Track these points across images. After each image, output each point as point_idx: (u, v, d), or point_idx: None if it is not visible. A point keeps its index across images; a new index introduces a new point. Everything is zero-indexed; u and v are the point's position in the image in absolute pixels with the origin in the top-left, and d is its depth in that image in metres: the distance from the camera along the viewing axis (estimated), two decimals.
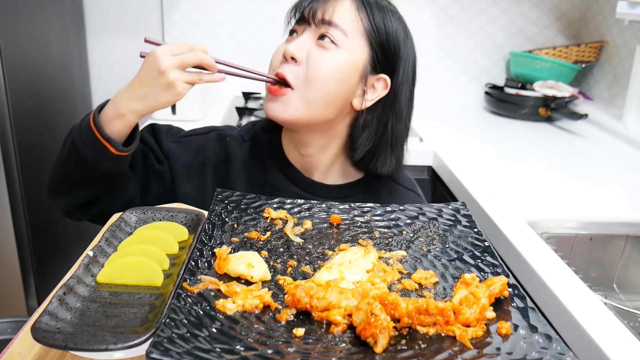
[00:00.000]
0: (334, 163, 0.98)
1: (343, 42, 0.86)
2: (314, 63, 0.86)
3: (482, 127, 2.08)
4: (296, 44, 0.87)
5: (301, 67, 0.86)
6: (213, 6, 2.21)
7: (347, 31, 0.87)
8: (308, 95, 0.86)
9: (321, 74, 0.86)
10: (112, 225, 0.71)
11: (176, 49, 0.81)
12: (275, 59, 0.90)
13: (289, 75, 0.86)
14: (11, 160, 1.62)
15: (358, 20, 0.88)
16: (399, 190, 1.02)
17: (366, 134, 0.93)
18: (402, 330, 0.54)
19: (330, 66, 0.86)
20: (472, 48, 2.33)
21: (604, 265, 1.25)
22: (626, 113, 1.89)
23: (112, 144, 0.83)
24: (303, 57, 0.86)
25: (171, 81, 0.80)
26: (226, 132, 1.03)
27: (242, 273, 0.61)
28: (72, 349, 0.48)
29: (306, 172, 0.98)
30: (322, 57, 0.86)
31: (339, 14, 0.87)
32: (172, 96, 0.82)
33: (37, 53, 1.79)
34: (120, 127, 0.84)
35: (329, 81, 0.86)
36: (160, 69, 0.79)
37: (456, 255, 0.70)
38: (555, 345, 0.50)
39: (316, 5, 0.88)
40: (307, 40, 0.87)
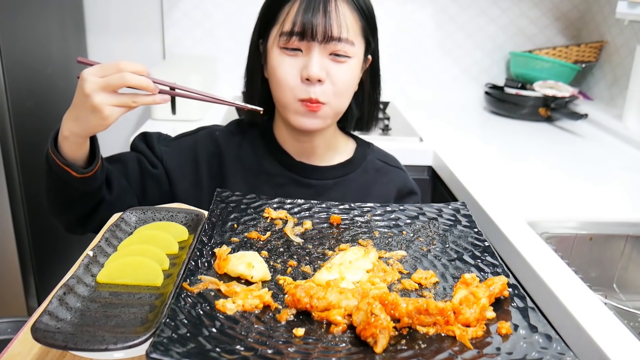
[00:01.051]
0: (329, 144, 1.03)
1: (352, 51, 0.91)
2: (338, 80, 0.90)
3: (482, 127, 2.07)
4: (316, 66, 0.88)
5: (326, 84, 0.90)
6: (213, 6, 2.20)
7: (353, 40, 0.90)
8: (338, 106, 0.94)
9: (346, 87, 0.93)
10: (112, 225, 0.71)
11: (104, 70, 0.77)
12: (290, 78, 0.90)
13: (322, 97, 0.90)
14: (11, 160, 1.62)
15: (356, 23, 0.91)
16: (385, 168, 1.08)
17: (357, 105, 1.02)
18: (402, 330, 0.54)
19: (350, 77, 0.93)
20: (472, 48, 2.33)
21: (604, 265, 1.25)
22: (626, 113, 1.89)
23: (72, 168, 0.82)
24: (325, 75, 0.89)
25: (95, 105, 0.76)
26: (214, 128, 1.07)
27: (242, 273, 0.61)
28: (72, 349, 0.48)
29: (301, 158, 1.02)
30: (342, 72, 0.90)
31: (344, 27, 0.88)
32: (100, 119, 0.77)
33: (37, 53, 1.79)
34: (69, 149, 0.82)
35: (351, 88, 0.95)
36: (85, 92, 0.76)
37: (456, 255, 0.70)
38: (555, 345, 0.50)
39: (321, 21, 0.87)
40: (321, 59, 0.89)
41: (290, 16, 0.88)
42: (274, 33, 0.92)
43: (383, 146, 1.14)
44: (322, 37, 0.87)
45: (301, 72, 0.89)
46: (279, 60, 0.91)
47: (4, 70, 1.55)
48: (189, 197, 0.98)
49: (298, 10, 0.88)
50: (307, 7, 0.87)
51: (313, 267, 0.66)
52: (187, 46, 2.24)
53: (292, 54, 0.90)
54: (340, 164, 1.04)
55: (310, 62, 0.88)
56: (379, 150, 1.12)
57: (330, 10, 0.87)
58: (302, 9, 0.88)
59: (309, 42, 0.88)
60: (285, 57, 0.90)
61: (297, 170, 1.01)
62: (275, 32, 0.92)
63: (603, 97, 2.17)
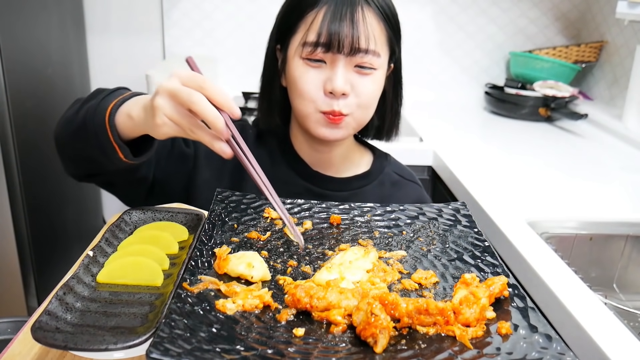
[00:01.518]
0: (346, 156, 1.01)
1: (378, 62, 0.87)
2: (363, 93, 0.87)
3: (482, 127, 2.08)
4: (341, 79, 0.84)
5: (350, 97, 0.87)
6: (213, 6, 2.20)
7: (379, 51, 0.87)
8: (361, 118, 0.91)
9: (371, 99, 0.90)
10: (112, 225, 0.71)
11: (189, 80, 0.66)
12: (313, 90, 0.86)
13: (345, 109, 0.87)
14: (11, 160, 1.62)
15: (382, 33, 0.87)
16: (401, 182, 1.06)
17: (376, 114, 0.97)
18: (402, 330, 0.54)
19: (375, 89, 0.90)
20: (472, 48, 2.33)
21: (604, 265, 1.25)
22: (626, 113, 1.89)
23: (121, 149, 0.74)
24: (349, 88, 0.86)
25: (155, 105, 0.66)
26: (248, 125, 1.03)
27: (242, 273, 0.61)
28: (72, 349, 0.48)
29: (317, 168, 0.99)
30: (367, 85, 0.87)
31: (371, 39, 0.84)
32: (150, 120, 0.68)
33: (37, 53, 1.79)
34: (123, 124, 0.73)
35: (375, 100, 0.91)
36: (158, 88, 0.67)
37: (456, 255, 0.70)
38: (555, 345, 0.50)
39: (348, 33, 0.83)
40: (346, 71, 0.86)
41: (315, 25, 0.84)
42: (295, 41, 0.87)
43: (383, 146, 1.13)
44: (349, 49, 0.83)
45: (325, 85, 0.86)
46: (301, 71, 0.86)
47: (4, 70, 1.55)
48: (206, 189, 0.92)
49: (324, 19, 0.83)
50: (333, 17, 0.83)
51: (313, 267, 0.66)
52: (187, 46, 2.24)
53: (316, 66, 0.86)
54: (356, 176, 1.01)
55: (335, 75, 0.84)
56: (396, 162, 1.09)
57: (357, 20, 0.83)
58: (328, 18, 0.83)
59: (334, 54, 0.84)
60: (308, 68, 0.86)
61: (313, 180, 0.99)
62: (297, 40, 0.87)
63: (603, 97, 2.17)
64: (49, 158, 1.86)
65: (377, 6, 0.86)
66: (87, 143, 0.76)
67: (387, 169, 1.05)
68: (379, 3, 0.86)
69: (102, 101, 0.76)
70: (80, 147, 0.78)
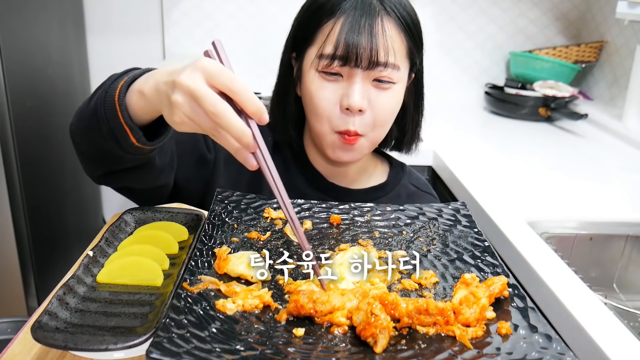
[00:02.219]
0: (362, 168, 0.99)
1: (397, 76, 0.83)
2: (380, 109, 0.84)
3: (482, 127, 2.07)
4: (359, 94, 0.81)
5: (366, 114, 0.83)
6: (213, 6, 2.20)
7: (399, 64, 0.83)
8: (375, 138, 0.88)
9: (388, 117, 0.86)
10: (112, 225, 0.71)
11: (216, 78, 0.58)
12: (328, 105, 0.83)
13: (360, 128, 0.84)
14: (11, 160, 1.62)
15: (403, 45, 0.84)
16: (417, 194, 1.03)
17: (397, 128, 0.95)
18: (402, 330, 0.54)
19: (393, 105, 0.86)
20: (472, 48, 2.33)
21: (604, 265, 1.25)
22: (626, 113, 1.89)
23: (133, 131, 0.67)
24: (367, 105, 0.83)
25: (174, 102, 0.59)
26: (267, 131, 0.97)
27: (242, 273, 0.61)
28: (72, 349, 0.48)
29: (332, 179, 0.97)
30: (385, 100, 0.84)
31: (391, 52, 0.81)
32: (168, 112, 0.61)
33: (37, 53, 1.79)
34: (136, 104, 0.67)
35: (393, 117, 0.88)
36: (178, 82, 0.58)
37: (456, 255, 0.70)
38: (555, 345, 0.50)
39: (366, 45, 0.79)
40: (364, 86, 0.82)
41: (332, 37, 0.80)
42: (311, 52, 0.84)
43: None
44: (367, 63, 0.80)
45: (341, 101, 0.82)
46: (317, 85, 0.83)
47: (4, 70, 1.55)
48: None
49: (341, 31, 0.79)
50: (351, 28, 0.79)
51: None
52: (187, 46, 2.24)
53: (332, 79, 0.82)
54: (372, 187, 0.99)
55: (352, 91, 0.81)
56: (412, 173, 1.06)
57: (376, 33, 0.79)
58: (346, 29, 0.79)
59: (352, 68, 0.80)
60: (324, 82, 0.83)
61: (329, 192, 0.96)
62: (313, 52, 0.83)
63: (603, 97, 2.17)
64: (48, 158, 1.86)
65: (397, 16, 0.82)
66: (99, 133, 0.69)
67: (404, 180, 1.02)
68: (399, 12, 0.83)
69: (113, 83, 0.70)
70: (94, 138, 0.71)
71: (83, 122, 0.73)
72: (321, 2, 0.84)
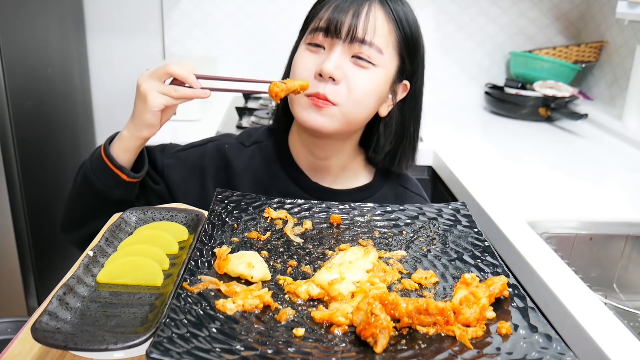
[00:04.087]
0: (345, 167, 0.97)
1: (379, 60, 0.85)
2: (355, 85, 0.84)
3: (482, 127, 2.08)
4: (332, 63, 0.83)
5: (340, 86, 0.84)
6: (213, 6, 2.20)
7: (381, 48, 0.85)
8: (351, 113, 0.86)
9: (363, 94, 0.85)
10: (112, 225, 0.71)
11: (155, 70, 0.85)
12: (305, 71, 0.86)
13: (331, 95, 0.84)
14: (11, 160, 1.62)
15: (390, 33, 0.86)
16: (406, 194, 1.01)
17: (386, 137, 0.94)
18: (402, 330, 0.54)
19: (370, 86, 0.86)
20: (472, 48, 2.33)
21: (604, 265, 1.25)
22: (626, 113, 1.89)
23: (122, 171, 0.87)
24: (341, 76, 0.84)
25: (142, 91, 0.84)
26: (224, 141, 1.01)
27: (242, 273, 0.61)
28: (72, 349, 0.48)
29: (315, 177, 0.97)
30: (361, 78, 0.85)
31: (372, 31, 0.83)
32: (145, 105, 0.84)
33: (37, 53, 1.79)
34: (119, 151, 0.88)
35: (370, 100, 0.87)
36: (137, 83, 0.85)
37: (456, 255, 0.70)
38: (555, 345, 0.50)
39: (348, 20, 0.83)
40: (341, 59, 0.84)
41: (320, 16, 0.86)
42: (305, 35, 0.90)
43: None
44: (346, 35, 0.83)
45: (316, 67, 0.85)
46: (301, 55, 0.88)
47: (4, 70, 1.55)
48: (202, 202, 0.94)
49: (328, 10, 0.85)
50: (337, 7, 0.85)
51: (313, 267, 0.66)
52: (187, 46, 2.24)
53: (315, 50, 0.86)
54: (357, 188, 0.98)
55: (328, 58, 0.84)
56: (403, 174, 1.03)
57: (360, 12, 0.83)
58: (332, 7, 0.85)
59: (333, 39, 0.84)
60: (307, 52, 0.87)
61: (311, 192, 0.96)
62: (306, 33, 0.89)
63: (603, 97, 2.17)
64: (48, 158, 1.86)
65: (390, 9, 0.86)
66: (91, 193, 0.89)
67: (391, 180, 1.01)
68: (394, 7, 0.86)
69: (92, 155, 0.90)
70: (84, 201, 0.91)
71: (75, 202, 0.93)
72: None
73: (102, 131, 2.30)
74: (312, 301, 0.59)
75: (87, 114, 2.22)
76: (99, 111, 2.28)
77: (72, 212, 0.95)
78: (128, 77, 2.21)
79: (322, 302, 0.59)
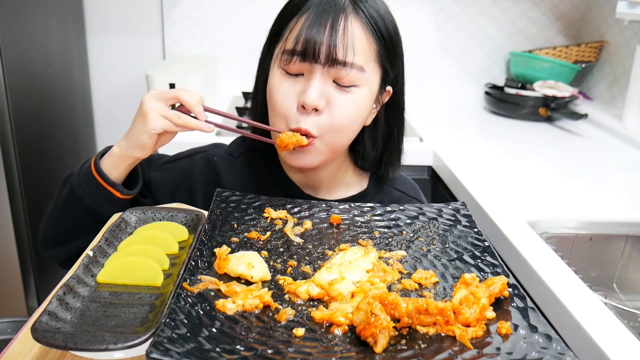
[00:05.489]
0: (336, 178, 0.94)
1: (361, 79, 0.79)
2: (338, 111, 0.79)
3: (482, 127, 2.08)
4: (315, 92, 0.77)
5: (323, 115, 0.79)
6: (213, 6, 2.21)
7: (363, 66, 0.79)
8: (333, 143, 0.82)
9: (347, 120, 0.81)
10: (112, 225, 0.71)
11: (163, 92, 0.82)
12: (286, 102, 0.80)
13: (313, 129, 0.79)
14: (11, 160, 1.62)
15: (370, 46, 0.80)
16: (403, 198, 0.99)
17: (372, 144, 0.91)
18: (402, 330, 0.54)
19: (353, 111, 0.81)
20: (472, 48, 2.33)
21: (604, 265, 1.25)
22: (626, 113, 1.89)
23: (115, 188, 0.84)
24: (324, 105, 0.79)
25: (144, 110, 0.79)
26: (213, 152, 0.97)
27: (242, 273, 0.61)
28: (72, 349, 0.48)
29: (308, 190, 0.94)
30: (345, 103, 0.79)
31: (352, 50, 0.77)
32: (144, 125, 0.79)
33: (37, 53, 1.79)
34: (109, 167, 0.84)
35: (354, 123, 0.83)
36: (142, 101, 0.80)
37: (456, 255, 0.70)
38: (555, 345, 0.50)
39: (326, 41, 0.76)
40: (323, 85, 0.78)
41: (294, 32, 0.79)
42: (277, 50, 0.83)
43: None
44: (326, 59, 0.76)
45: (299, 98, 0.79)
46: (278, 81, 0.81)
47: (4, 70, 1.55)
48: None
49: (302, 26, 0.78)
50: (312, 23, 0.77)
51: (313, 267, 0.66)
52: (187, 46, 2.24)
53: (293, 77, 0.80)
54: (351, 197, 0.95)
55: (309, 87, 0.78)
56: (398, 178, 1.00)
57: (337, 29, 0.76)
58: (307, 25, 0.77)
59: (312, 64, 0.77)
60: (285, 78, 0.80)
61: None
62: (278, 49, 0.83)
63: (603, 97, 2.17)
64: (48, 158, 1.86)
65: (366, 16, 0.79)
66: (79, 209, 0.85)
67: (387, 186, 0.98)
68: (369, 13, 0.79)
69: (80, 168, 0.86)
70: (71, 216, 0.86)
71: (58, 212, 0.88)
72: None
73: (102, 131, 2.30)
74: (312, 301, 0.59)
75: (87, 114, 2.23)
76: (99, 111, 2.28)
77: (55, 227, 0.89)
78: (128, 77, 2.21)
79: (322, 302, 0.59)
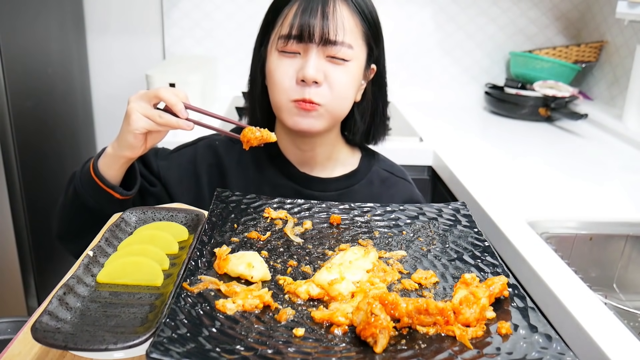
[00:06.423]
0: (330, 156, 1.02)
1: (351, 55, 0.90)
2: (335, 83, 0.89)
3: (482, 127, 2.07)
4: (313, 67, 0.87)
5: (323, 87, 0.89)
6: (213, 6, 2.20)
7: (351, 44, 0.89)
8: (335, 109, 0.92)
9: (344, 90, 0.91)
10: (112, 225, 0.71)
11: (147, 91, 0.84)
12: (286, 79, 0.89)
13: (316, 98, 0.89)
14: (11, 160, 1.62)
15: (356, 26, 0.90)
16: (391, 179, 1.06)
17: (361, 117, 1.00)
18: (402, 330, 0.54)
19: (348, 80, 0.91)
20: (472, 48, 2.33)
21: (604, 265, 1.25)
22: (626, 113, 1.89)
23: (115, 190, 0.87)
24: (322, 78, 0.88)
25: (128, 110, 0.82)
26: (214, 138, 1.05)
27: (242, 273, 0.61)
28: (72, 349, 0.48)
29: (303, 168, 1.01)
30: (340, 75, 0.89)
31: (342, 30, 0.88)
32: (127, 125, 0.82)
33: (37, 53, 1.79)
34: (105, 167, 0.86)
35: (350, 92, 0.93)
36: (128, 100, 0.83)
37: (456, 255, 0.70)
38: (555, 345, 0.50)
39: (319, 24, 0.87)
40: (319, 61, 0.88)
41: (288, 19, 0.89)
42: (272, 37, 0.92)
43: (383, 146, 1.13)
44: (320, 39, 0.87)
45: (297, 74, 0.88)
46: (277, 63, 0.90)
47: (4, 70, 1.55)
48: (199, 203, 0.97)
49: (296, 13, 0.88)
50: (305, 10, 0.87)
51: (313, 267, 0.66)
52: (187, 46, 2.24)
53: (290, 57, 0.89)
54: (344, 175, 1.03)
55: (307, 63, 0.87)
56: (385, 160, 1.10)
57: (328, 13, 0.87)
58: (300, 11, 0.88)
59: (307, 44, 0.88)
60: (283, 59, 0.90)
61: (300, 181, 1.00)
62: (273, 36, 0.92)
63: (603, 97, 2.17)
64: (48, 158, 1.86)
65: (352, 2, 0.90)
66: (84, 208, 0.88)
67: (376, 166, 1.06)
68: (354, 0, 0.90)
69: (82, 168, 0.89)
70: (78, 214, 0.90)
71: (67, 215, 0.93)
72: None
73: (102, 131, 2.30)
74: (312, 301, 0.59)
75: (87, 114, 2.22)
76: (99, 111, 2.28)
77: (66, 223, 0.95)
78: (128, 77, 2.21)
79: (322, 302, 0.59)
